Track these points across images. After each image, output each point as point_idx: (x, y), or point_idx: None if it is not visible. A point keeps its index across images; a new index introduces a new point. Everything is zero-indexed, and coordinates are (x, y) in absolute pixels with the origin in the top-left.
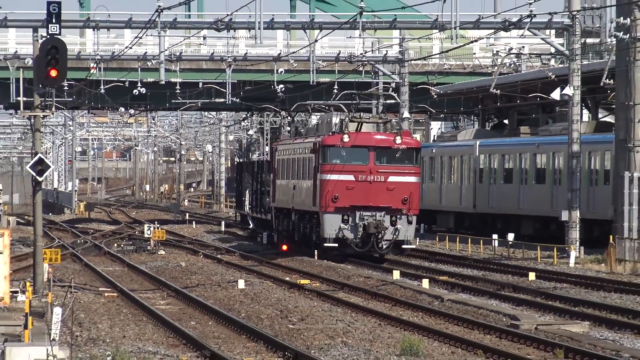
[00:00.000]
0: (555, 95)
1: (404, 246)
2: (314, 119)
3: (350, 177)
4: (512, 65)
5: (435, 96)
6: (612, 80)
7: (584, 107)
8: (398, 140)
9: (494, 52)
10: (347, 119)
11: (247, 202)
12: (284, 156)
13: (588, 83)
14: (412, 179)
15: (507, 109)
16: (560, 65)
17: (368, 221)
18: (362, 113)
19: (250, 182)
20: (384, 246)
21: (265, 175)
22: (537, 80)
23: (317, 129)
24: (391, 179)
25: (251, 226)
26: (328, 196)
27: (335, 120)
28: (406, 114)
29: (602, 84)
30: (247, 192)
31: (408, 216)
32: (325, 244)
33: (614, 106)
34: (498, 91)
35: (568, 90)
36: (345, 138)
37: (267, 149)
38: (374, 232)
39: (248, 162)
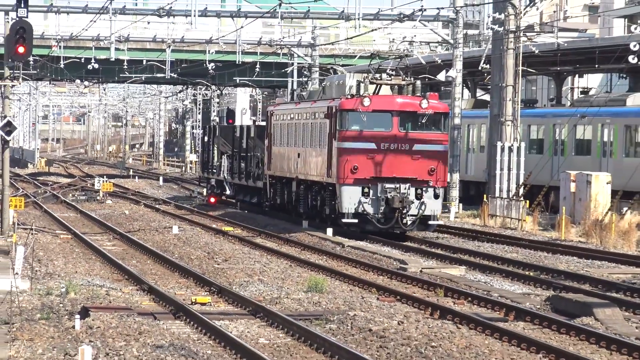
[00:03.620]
0: (441, 76)
1: (430, 222)
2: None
3: (372, 145)
4: (406, 50)
5: None
6: (488, 65)
7: (464, 87)
8: (424, 103)
9: (391, 39)
10: (366, 80)
11: (224, 168)
12: (284, 121)
13: (468, 67)
14: (439, 147)
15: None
16: (446, 52)
17: (391, 194)
18: (382, 74)
19: (229, 147)
20: (409, 222)
21: (252, 141)
22: (426, 64)
23: (324, 91)
24: (417, 147)
25: (228, 192)
26: (347, 166)
27: (350, 81)
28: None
29: (480, 68)
30: (224, 157)
31: (435, 189)
32: (344, 220)
33: (489, 87)
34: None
35: (452, 73)
36: (366, 101)
37: (199, 116)
38: (399, 206)
39: (226, 126)
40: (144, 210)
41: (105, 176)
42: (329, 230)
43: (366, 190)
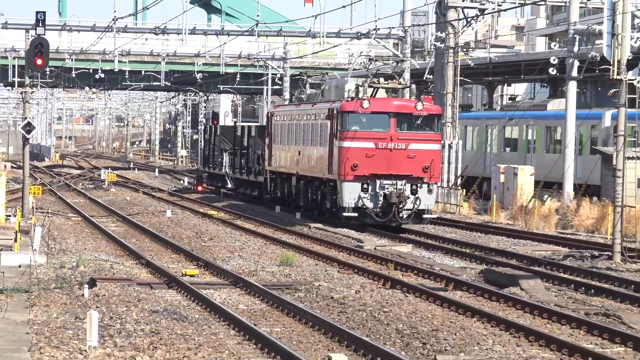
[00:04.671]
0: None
1: (425, 216)
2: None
3: (370, 145)
4: (362, 63)
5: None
6: (431, 75)
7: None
8: (419, 106)
9: (350, 54)
10: (365, 84)
11: (226, 164)
12: (284, 121)
13: (415, 77)
14: (433, 146)
15: None
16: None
17: (389, 190)
18: (380, 78)
19: (230, 145)
20: (405, 216)
21: (253, 140)
22: (379, 75)
23: (322, 94)
24: (412, 146)
25: (229, 185)
26: (347, 164)
27: (349, 85)
28: (287, 96)
29: (424, 78)
30: (225, 154)
31: (429, 185)
32: (344, 214)
33: (432, 94)
34: None
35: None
36: (365, 104)
37: (189, 118)
38: (396, 201)
39: (227, 126)
40: (143, 196)
41: (109, 168)
42: (297, 214)
43: (365, 186)
